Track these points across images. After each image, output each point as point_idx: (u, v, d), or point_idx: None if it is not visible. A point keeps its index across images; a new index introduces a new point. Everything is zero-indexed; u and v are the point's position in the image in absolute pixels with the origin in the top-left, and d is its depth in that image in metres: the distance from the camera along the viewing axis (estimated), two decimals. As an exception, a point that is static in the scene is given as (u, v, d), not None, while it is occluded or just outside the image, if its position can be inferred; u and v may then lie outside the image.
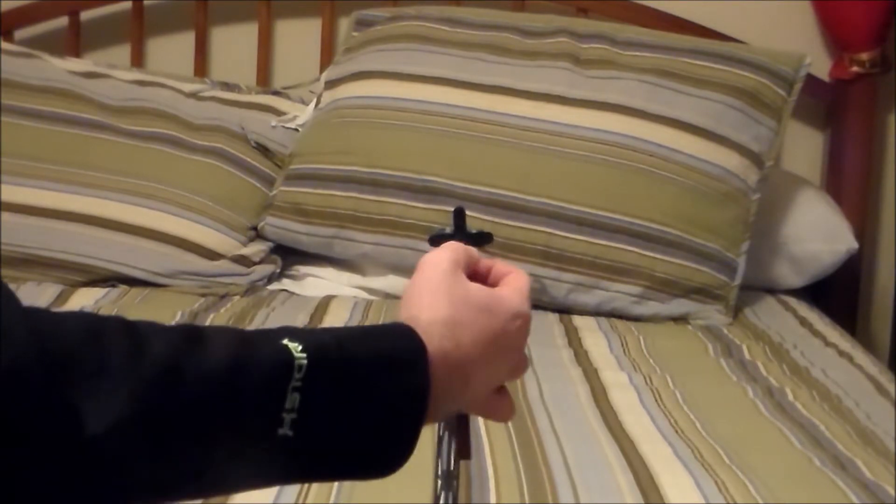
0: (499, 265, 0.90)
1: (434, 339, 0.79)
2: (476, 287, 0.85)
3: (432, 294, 0.82)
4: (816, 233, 2.32)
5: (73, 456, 0.63)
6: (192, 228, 2.24)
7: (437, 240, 0.90)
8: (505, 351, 0.85)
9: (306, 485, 1.33)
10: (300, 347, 0.73)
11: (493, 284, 0.89)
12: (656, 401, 1.69)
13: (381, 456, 0.77)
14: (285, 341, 0.73)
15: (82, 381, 0.64)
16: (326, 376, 0.73)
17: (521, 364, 0.89)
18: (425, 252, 0.88)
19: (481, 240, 0.92)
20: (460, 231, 0.92)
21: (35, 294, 2.10)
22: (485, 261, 0.90)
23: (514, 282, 0.88)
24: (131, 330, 0.68)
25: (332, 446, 0.75)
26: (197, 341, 0.70)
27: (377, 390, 0.76)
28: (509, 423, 1.53)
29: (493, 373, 0.85)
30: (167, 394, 0.67)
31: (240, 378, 0.70)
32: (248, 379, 0.70)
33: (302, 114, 2.41)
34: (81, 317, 0.67)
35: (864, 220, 2.57)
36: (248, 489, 0.75)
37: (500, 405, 0.89)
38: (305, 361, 0.72)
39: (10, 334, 0.61)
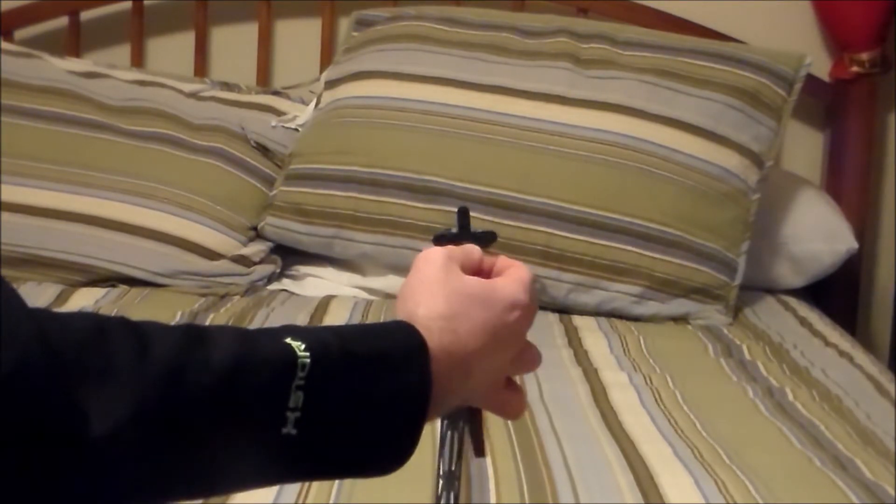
0: (501, 260, 0.90)
1: (433, 334, 0.80)
2: (472, 280, 0.85)
3: (428, 289, 0.83)
4: (816, 233, 2.32)
5: (78, 456, 0.63)
6: (192, 228, 2.24)
7: (441, 240, 0.90)
8: (504, 341, 0.85)
9: (306, 484, 1.33)
10: (303, 346, 0.73)
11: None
12: (656, 401, 1.69)
13: (385, 453, 0.77)
14: (288, 340, 0.73)
15: (87, 381, 0.64)
16: (329, 374, 0.74)
17: (529, 357, 0.89)
18: (426, 252, 0.88)
19: (486, 239, 0.92)
20: (465, 231, 0.92)
21: (35, 294, 2.10)
22: (489, 258, 0.90)
23: (513, 273, 0.88)
24: (135, 330, 0.68)
25: (335, 444, 0.75)
26: (200, 341, 0.70)
27: (379, 388, 0.76)
28: (509, 423, 1.53)
29: (493, 364, 0.85)
30: (171, 394, 0.67)
31: (243, 377, 0.70)
32: (251, 378, 0.71)
33: (302, 114, 2.41)
34: (85, 317, 0.67)
35: (864, 220, 2.57)
36: (251, 488, 0.75)
37: (511, 401, 0.89)
38: (309, 360, 0.72)
39: (14, 334, 0.61)
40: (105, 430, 0.63)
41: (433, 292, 0.82)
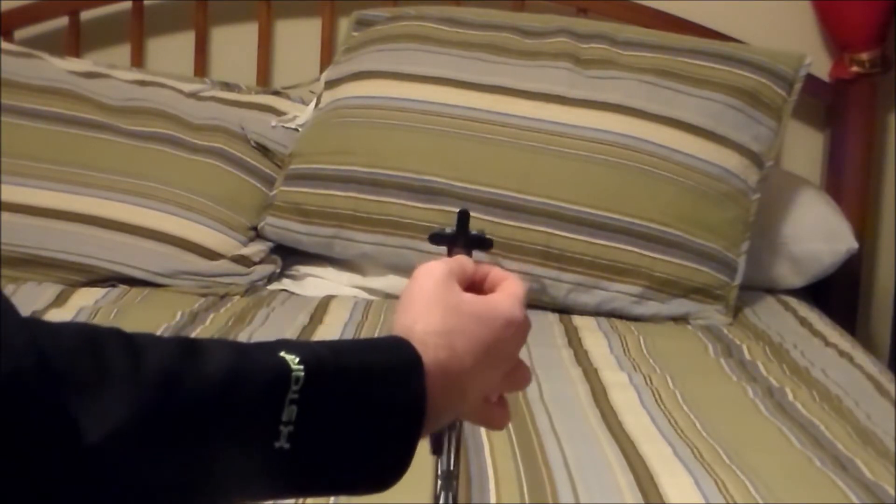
0: (495, 272, 0.90)
1: (429, 350, 0.79)
2: (469, 296, 0.85)
3: (426, 304, 0.82)
4: (816, 233, 2.32)
5: (71, 465, 0.62)
6: (192, 228, 2.24)
7: (437, 238, 0.90)
8: (499, 358, 0.85)
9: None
10: (297, 359, 0.72)
11: (489, 291, 0.89)
12: (656, 401, 1.69)
13: (378, 469, 0.76)
14: (282, 353, 0.72)
15: (80, 391, 0.63)
16: (324, 389, 0.73)
17: (521, 375, 0.89)
18: (425, 252, 0.88)
19: (482, 244, 0.92)
20: (461, 233, 0.92)
21: (35, 294, 2.09)
22: (481, 267, 0.90)
23: (508, 288, 0.88)
24: (129, 341, 0.68)
25: (328, 460, 0.74)
26: (194, 353, 0.70)
27: (374, 403, 0.75)
28: (509, 423, 1.53)
29: (486, 381, 0.85)
30: (164, 405, 0.66)
31: (237, 389, 0.70)
32: (245, 390, 0.70)
33: (302, 114, 2.41)
34: (79, 327, 0.67)
35: (864, 220, 2.57)
36: (244, 502, 0.74)
37: (496, 413, 0.89)
38: (303, 373, 0.72)
39: (9, 344, 0.61)
40: (98, 439, 0.63)
41: (430, 308, 0.82)
